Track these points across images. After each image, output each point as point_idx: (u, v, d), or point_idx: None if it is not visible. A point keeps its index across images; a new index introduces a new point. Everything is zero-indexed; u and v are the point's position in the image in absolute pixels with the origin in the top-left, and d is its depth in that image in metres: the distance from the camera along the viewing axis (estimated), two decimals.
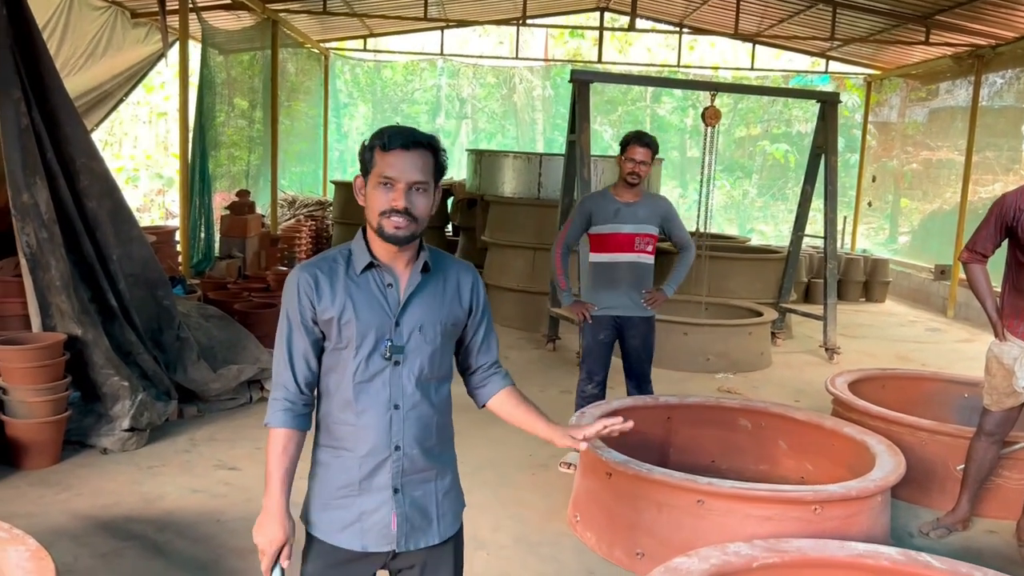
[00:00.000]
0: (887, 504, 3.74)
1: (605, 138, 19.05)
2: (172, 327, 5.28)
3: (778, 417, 4.52)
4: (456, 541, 2.13)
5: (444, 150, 2.01)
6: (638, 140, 4.50)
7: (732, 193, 18.35)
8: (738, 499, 3.37)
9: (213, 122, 9.49)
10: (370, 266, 1.99)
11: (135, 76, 10.54)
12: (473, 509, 4.08)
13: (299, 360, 1.99)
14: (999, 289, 3.99)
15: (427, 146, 1.95)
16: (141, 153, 16.38)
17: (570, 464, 4.60)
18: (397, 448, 1.99)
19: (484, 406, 2.21)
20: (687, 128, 19.63)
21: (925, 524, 4.14)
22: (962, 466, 4.16)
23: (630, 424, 2.10)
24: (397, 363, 1.99)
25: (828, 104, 7.77)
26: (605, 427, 2.08)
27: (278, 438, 1.97)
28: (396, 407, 1.99)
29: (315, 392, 2.05)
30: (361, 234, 2.03)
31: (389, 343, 1.98)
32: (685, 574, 2.57)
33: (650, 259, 4.70)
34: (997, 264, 3.97)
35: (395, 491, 1.99)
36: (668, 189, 17.90)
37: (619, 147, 4.59)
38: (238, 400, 5.56)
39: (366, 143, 1.98)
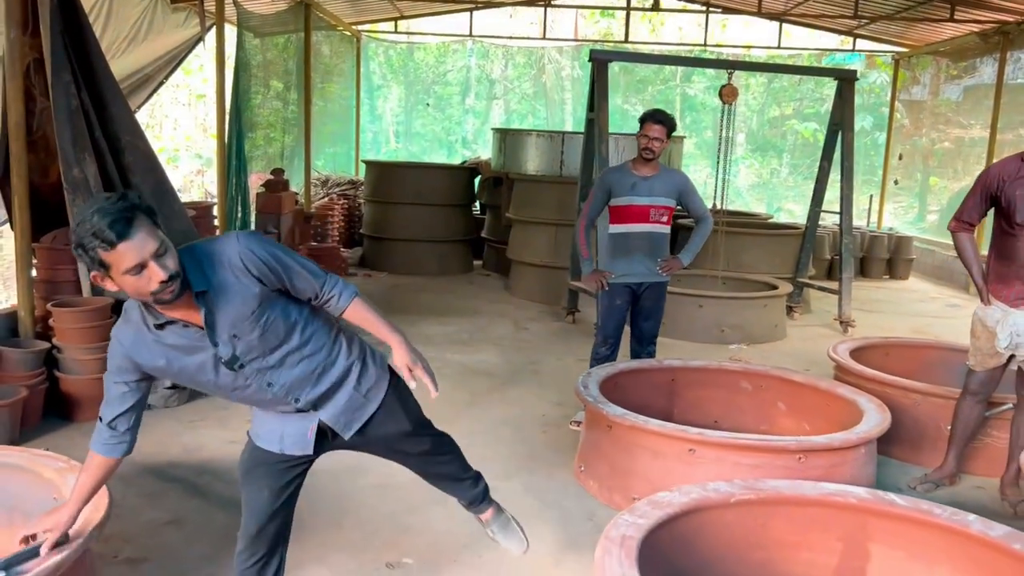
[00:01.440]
0: (871, 456, 3.97)
1: (637, 119, 19.17)
2: None
3: (777, 379, 4.76)
4: (392, 391, 2.59)
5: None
6: (653, 118, 4.80)
7: (761, 172, 18.38)
8: (726, 448, 3.64)
9: (249, 104, 9.85)
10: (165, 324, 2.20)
11: (175, 59, 10.94)
12: (487, 460, 4.43)
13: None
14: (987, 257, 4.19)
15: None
16: (181, 135, 16.88)
17: (579, 422, 4.89)
18: (297, 400, 2.42)
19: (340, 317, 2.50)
20: (719, 108, 19.66)
21: (913, 479, 4.37)
22: (995, 410, 4.41)
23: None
24: (243, 366, 2.28)
25: (845, 82, 7.90)
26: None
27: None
28: (270, 384, 2.36)
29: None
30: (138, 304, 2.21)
31: (222, 360, 2.25)
32: (666, 505, 2.84)
33: (666, 229, 4.99)
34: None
35: (314, 408, 2.45)
36: (699, 167, 17.99)
37: (637, 124, 4.89)
38: None
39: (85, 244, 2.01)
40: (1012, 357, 4.07)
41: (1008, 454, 4.20)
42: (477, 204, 11.59)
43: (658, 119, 4.79)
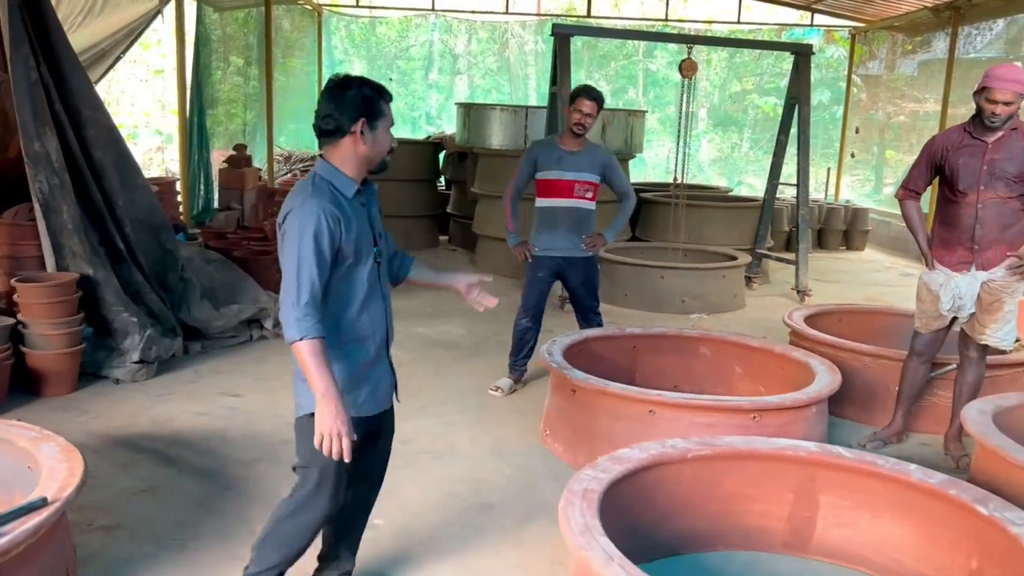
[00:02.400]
0: (822, 415, 4.15)
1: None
2: (176, 269, 5.67)
3: (734, 345, 4.92)
4: None
5: None
6: (586, 94, 4.82)
7: (722, 146, 18.61)
8: (684, 408, 3.79)
9: (210, 79, 9.77)
10: (357, 192, 2.49)
11: (132, 33, 10.74)
12: (454, 427, 4.55)
13: (321, 282, 2.36)
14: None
15: None
16: (140, 111, 16.62)
17: (498, 387, 5.14)
18: (388, 328, 2.62)
19: (406, 279, 2.83)
20: (681, 82, 19.80)
21: (863, 437, 4.56)
22: (938, 372, 4.62)
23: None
24: (379, 264, 2.55)
25: (802, 56, 8.05)
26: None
27: (317, 345, 2.31)
28: (385, 297, 2.60)
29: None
30: (329, 169, 2.47)
31: (376, 250, 2.54)
32: (627, 461, 2.98)
33: (591, 205, 5.03)
34: None
35: (390, 362, 2.66)
36: (661, 142, 18.15)
37: (570, 99, 4.90)
38: (239, 337, 5.96)
39: (366, 93, 2.43)
40: (955, 319, 4.27)
41: (951, 411, 4.41)
42: (442, 179, 11.61)
43: (591, 95, 4.81)
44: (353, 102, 2.40)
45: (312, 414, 2.41)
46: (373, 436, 2.73)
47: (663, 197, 9.20)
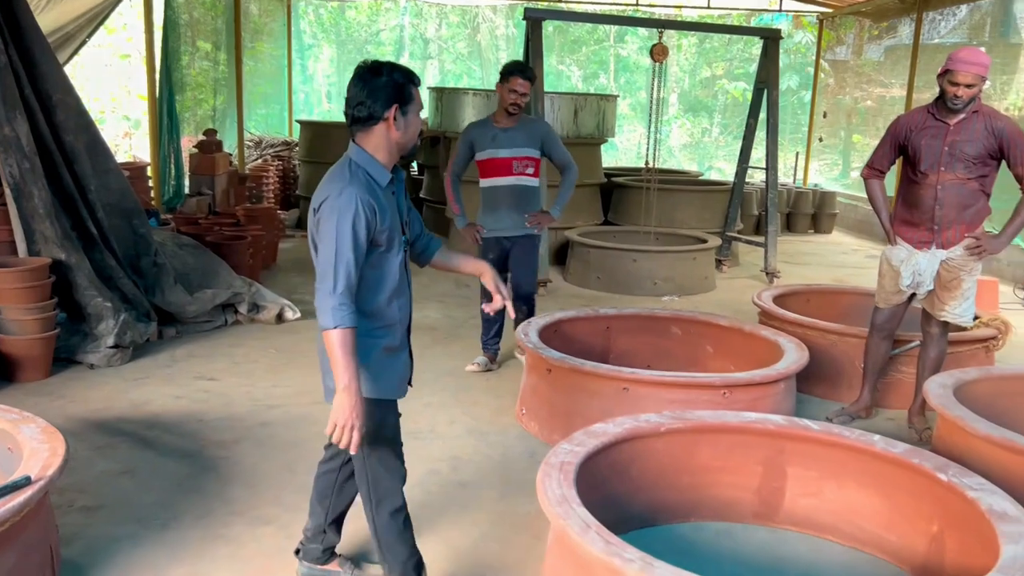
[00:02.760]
0: (791, 391, 4.27)
1: (572, 79, 19.29)
2: (149, 254, 5.65)
3: (704, 324, 5.03)
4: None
5: None
6: (520, 72, 4.71)
7: (693, 131, 18.75)
8: (657, 385, 3.88)
9: (178, 64, 9.68)
10: (390, 180, 2.51)
11: (97, 17, 10.61)
12: (433, 408, 4.61)
13: (357, 270, 2.37)
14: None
15: None
16: (106, 96, 16.38)
17: (475, 363, 5.23)
18: (411, 314, 2.68)
19: (430, 263, 2.82)
20: (652, 67, 19.88)
21: (832, 412, 4.69)
22: (902, 348, 4.76)
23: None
24: (406, 252, 2.61)
25: (770, 41, 8.16)
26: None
27: (348, 335, 2.33)
28: (410, 284, 2.63)
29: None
30: (364, 155, 2.47)
31: (404, 238, 2.58)
32: (601, 435, 3.06)
33: (533, 182, 4.96)
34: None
35: (410, 348, 2.71)
36: (633, 127, 18.26)
37: (501, 77, 4.77)
38: (214, 322, 5.96)
39: (397, 78, 2.44)
40: (914, 296, 4.41)
41: (915, 387, 4.55)
42: (415, 164, 11.60)
43: (525, 74, 4.72)
44: (386, 88, 2.42)
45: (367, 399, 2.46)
46: None
47: (635, 181, 9.29)
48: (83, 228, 5.27)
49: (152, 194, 8.49)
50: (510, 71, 4.70)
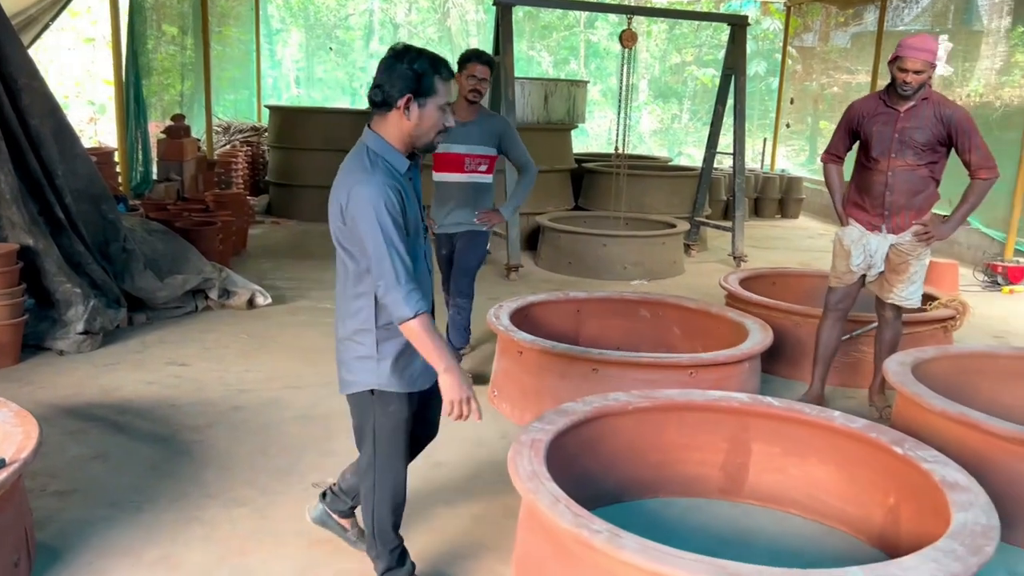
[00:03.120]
0: (755, 371, 4.37)
1: (543, 65, 19.30)
2: (118, 239, 5.62)
3: (673, 307, 5.11)
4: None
5: None
6: (478, 58, 4.45)
7: (663, 118, 18.87)
8: (625, 366, 3.96)
9: (144, 48, 9.56)
10: (408, 168, 2.48)
11: (58, 1, 10.45)
12: None
13: (408, 253, 2.35)
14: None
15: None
16: (70, 80, 16.11)
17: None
18: (433, 303, 2.62)
19: None
20: (622, 53, 19.96)
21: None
22: (854, 332, 4.85)
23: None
24: (425, 239, 2.58)
25: (737, 27, 8.25)
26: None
27: (427, 319, 2.35)
28: (431, 271, 2.63)
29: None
30: (382, 143, 2.43)
31: (424, 225, 2.56)
32: (572, 413, 3.12)
33: (486, 179, 4.66)
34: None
35: None
36: (603, 113, 18.33)
37: (458, 64, 4.48)
38: (184, 308, 5.94)
39: (418, 68, 2.36)
40: (865, 278, 4.49)
41: (873, 366, 4.67)
42: None
43: (483, 59, 4.45)
44: (404, 76, 2.35)
45: (372, 392, 2.54)
46: (424, 406, 2.71)
47: (605, 167, 9.36)
48: (51, 214, 5.23)
49: (120, 180, 8.41)
50: (467, 57, 4.47)
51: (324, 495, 3.01)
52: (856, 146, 4.50)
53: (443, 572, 2.93)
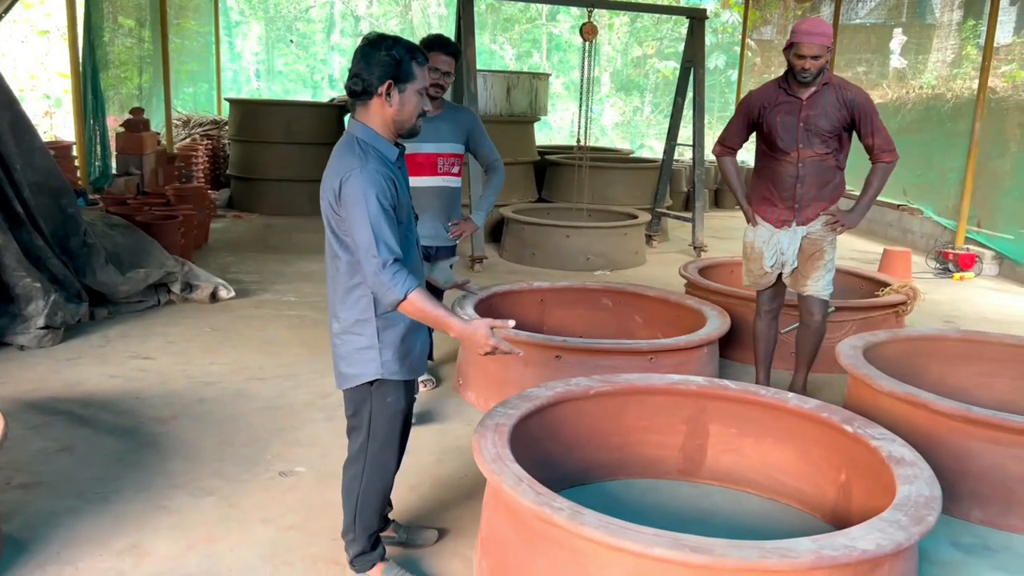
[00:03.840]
0: (713, 356, 4.49)
1: (506, 58, 19.34)
2: (78, 233, 5.57)
3: (633, 295, 5.21)
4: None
5: None
6: (442, 47, 3.83)
7: (625, 110, 19.03)
8: (587, 352, 4.04)
9: (101, 40, 9.43)
10: (399, 155, 2.53)
11: None
12: None
13: (396, 240, 2.38)
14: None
15: None
16: (23, 73, 15.80)
17: (424, 381, 4.52)
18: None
19: None
20: (583, 46, 20.10)
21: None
22: (787, 328, 4.90)
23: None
24: (411, 219, 2.60)
25: (696, 20, 8.37)
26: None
27: (421, 293, 2.39)
28: (420, 258, 2.66)
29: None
30: (370, 133, 2.46)
31: (413, 210, 2.60)
32: (534, 398, 3.19)
33: (457, 182, 4.14)
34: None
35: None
36: (566, 106, 18.43)
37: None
38: (147, 302, 5.91)
39: (396, 54, 2.39)
40: (782, 275, 4.33)
41: (794, 366, 4.59)
42: None
43: (449, 49, 3.85)
44: (382, 63, 2.39)
45: (371, 382, 2.58)
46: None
47: (568, 159, 9.45)
48: (9, 208, 5.17)
49: (78, 174, 8.31)
50: (428, 45, 3.78)
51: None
52: (754, 138, 4.29)
53: (410, 555, 2.98)
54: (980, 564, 3.10)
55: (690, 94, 8.67)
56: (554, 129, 17.87)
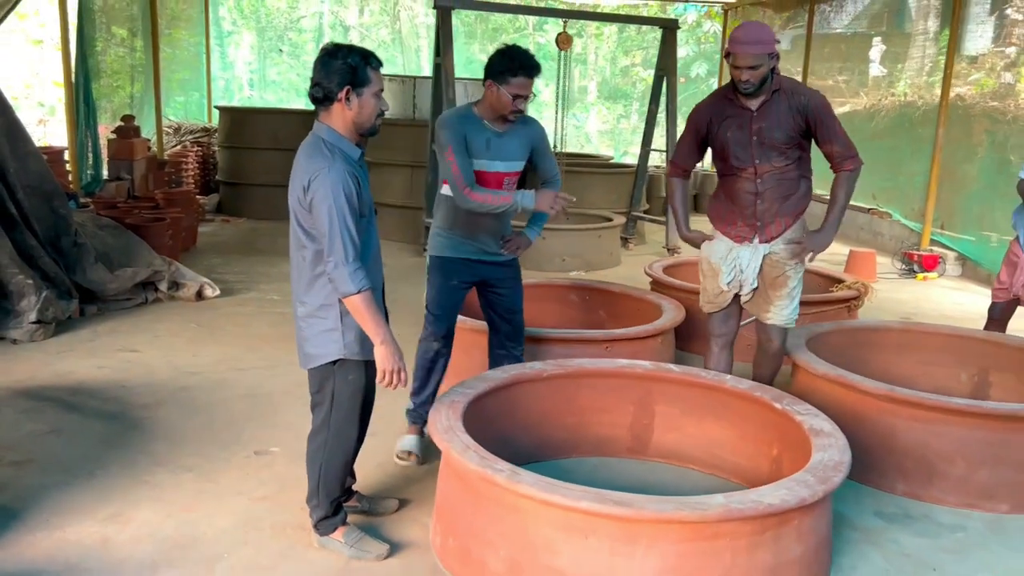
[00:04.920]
0: (668, 345, 4.76)
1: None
2: (69, 234, 5.82)
3: (598, 291, 5.49)
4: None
5: None
6: (525, 70, 3.49)
7: (609, 118, 19.34)
8: (548, 342, 4.31)
9: (93, 50, 9.70)
10: (361, 155, 2.79)
11: (8, 2, 10.52)
12: None
13: (359, 237, 2.67)
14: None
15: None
16: (18, 82, 16.06)
17: (409, 453, 3.81)
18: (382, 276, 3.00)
19: None
20: (559, 55, 20.44)
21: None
22: (746, 320, 5.12)
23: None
24: (373, 221, 2.89)
25: (668, 31, 8.68)
26: None
27: (369, 295, 2.67)
28: (379, 250, 2.93)
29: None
30: (335, 135, 2.72)
31: (373, 208, 2.86)
32: (490, 380, 3.46)
33: None
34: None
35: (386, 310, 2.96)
36: (551, 113, 18.73)
37: (495, 73, 3.50)
38: (135, 300, 6.16)
39: (351, 62, 2.66)
40: (740, 296, 3.95)
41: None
42: None
43: (530, 71, 3.51)
44: (339, 70, 2.65)
45: (334, 362, 2.83)
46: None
47: None
48: (3, 208, 5.42)
49: (70, 179, 8.56)
50: (514, 69, 3.46)
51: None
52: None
53: (372, 522, 3.23)
54: (899, 530, 3.37)
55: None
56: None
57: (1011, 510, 3.49)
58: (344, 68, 2.67)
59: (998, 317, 4.84)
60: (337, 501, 3.03)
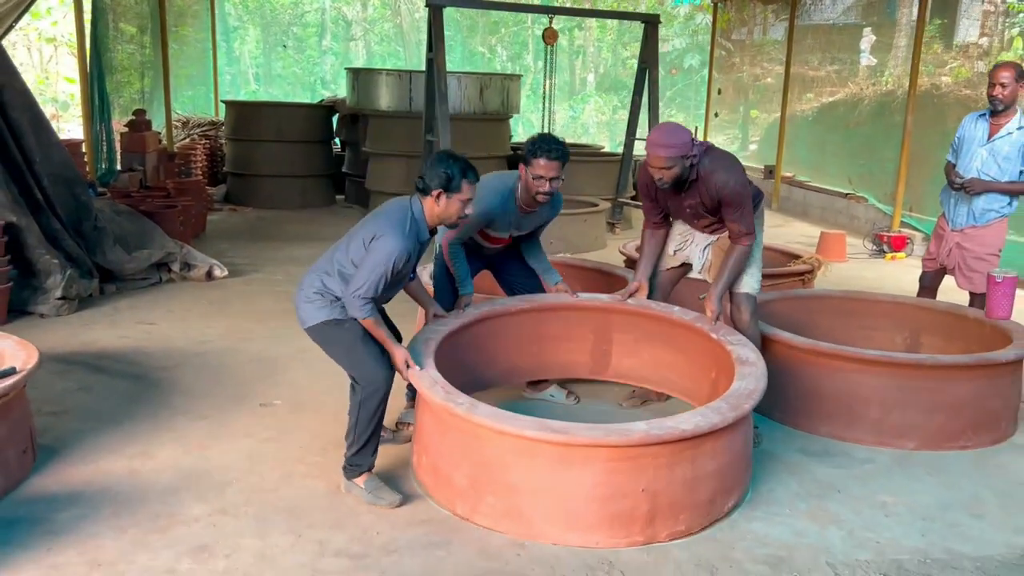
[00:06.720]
0: None
1: (501, 59, 20.10)
2: (90, 218, 6.36)
3: (573, 267, 5.98)
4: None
5: None
6: (546, 153, 3.76)
7: (605, 109, 19.81)
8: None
9: (106, 47, 10.23)
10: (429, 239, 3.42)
11: (24, 2, 11.05)
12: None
13: (382, 289, 3.23)
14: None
15: None
16: (32, 79, 16.63)
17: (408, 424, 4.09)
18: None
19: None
20: (572, 49, 20.92)
21: (623, 397, 4.51)
22: (703, 295, 5.63)
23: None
24: (410, 280, 3.66)
25: (649, 25, 9.15)
26: None
27: (376, 319, 3.28)
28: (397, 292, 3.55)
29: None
30: (421, 215, 3.29)
31: (413, 275, 3.68)
32: (465, 316, 3.97)
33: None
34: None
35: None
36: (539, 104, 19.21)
37: (524, 156, 3.83)
38: (150, 280, 6.70)
39: (450, 173, 3.20)
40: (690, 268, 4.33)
41: None
42: (337, 141, 12.35)
43: (552, 154, 3.77)
44: (439, 175, 3.20)
45: (323, 322, 3.37)
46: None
47: None
48: (30, 195, 5.96)
49: (87, 169, 9.10)
50: (536, 152, 3.78)
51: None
52: None
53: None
54: (817, 463, 3.88)
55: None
56: (535, 127, 18.67)
57: (917, 447, 4.00)
58: (444, 174, 3.21)
59: (928, 285, 5.32)
60: (368, 446, 3.35)
